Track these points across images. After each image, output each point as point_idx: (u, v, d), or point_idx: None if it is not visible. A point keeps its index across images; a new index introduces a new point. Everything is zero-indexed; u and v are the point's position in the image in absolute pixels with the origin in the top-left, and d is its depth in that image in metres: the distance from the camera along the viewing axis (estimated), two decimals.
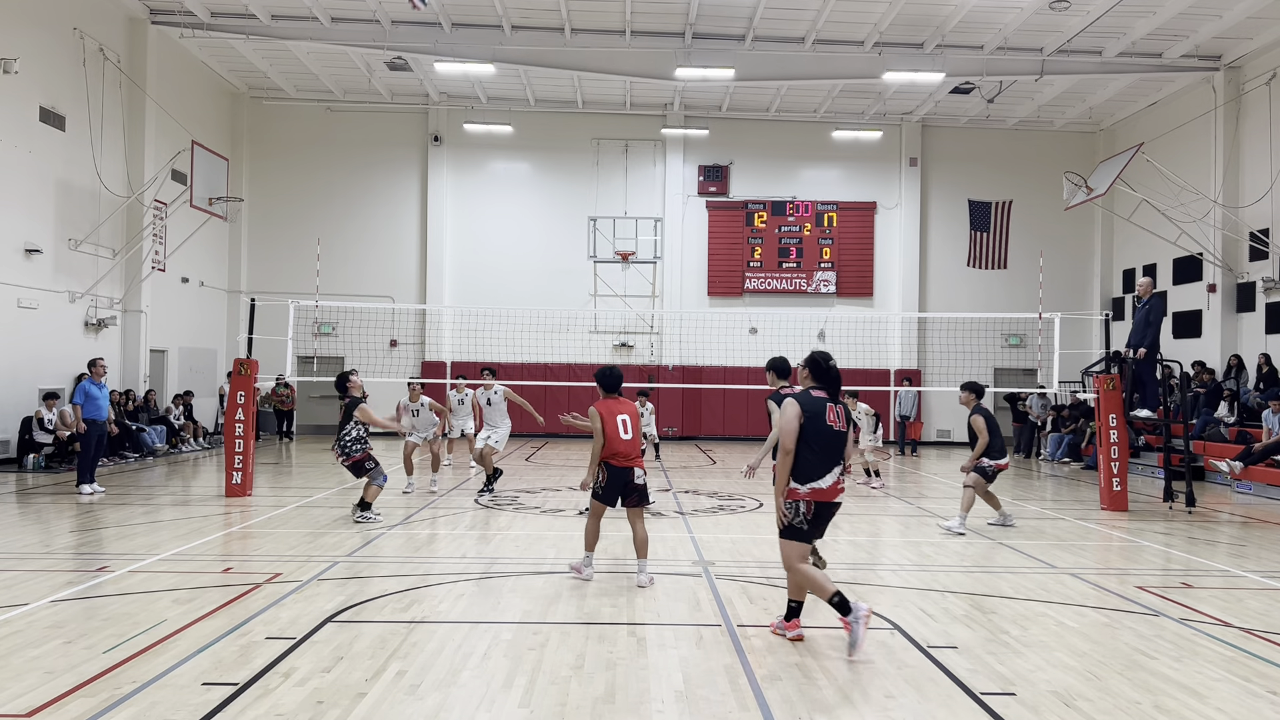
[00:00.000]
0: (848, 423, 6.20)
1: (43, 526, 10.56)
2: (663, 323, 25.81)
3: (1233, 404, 18.23)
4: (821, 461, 6.01)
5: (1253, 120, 20.45)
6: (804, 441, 5.98)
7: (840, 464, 6.10)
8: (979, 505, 11.47)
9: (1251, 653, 6.08)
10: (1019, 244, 24.65)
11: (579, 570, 7.96)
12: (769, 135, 26.33)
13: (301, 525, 10.61)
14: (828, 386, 6.19)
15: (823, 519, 6.14)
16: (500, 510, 11.96)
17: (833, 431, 6.05)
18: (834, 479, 6.05)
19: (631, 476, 7.73)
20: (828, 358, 6.26)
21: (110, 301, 19.30)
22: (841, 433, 6.10)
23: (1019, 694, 5.21)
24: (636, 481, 7.75)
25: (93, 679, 5.17)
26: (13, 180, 16.45)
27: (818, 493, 6.01)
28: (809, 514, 6.04)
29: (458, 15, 20.18)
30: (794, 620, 6.22)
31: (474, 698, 5.01)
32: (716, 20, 20.13)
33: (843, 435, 6.11)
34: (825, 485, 6.02)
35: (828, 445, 6.03)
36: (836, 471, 6.06)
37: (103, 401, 13.35)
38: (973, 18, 19.37)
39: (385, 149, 25.91)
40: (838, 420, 6.09)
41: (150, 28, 20.18)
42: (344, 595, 7.18)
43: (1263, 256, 19.82)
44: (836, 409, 6.13)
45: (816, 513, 6.07)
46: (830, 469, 6.04)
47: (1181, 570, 8.97)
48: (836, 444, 6.07)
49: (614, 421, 7.71)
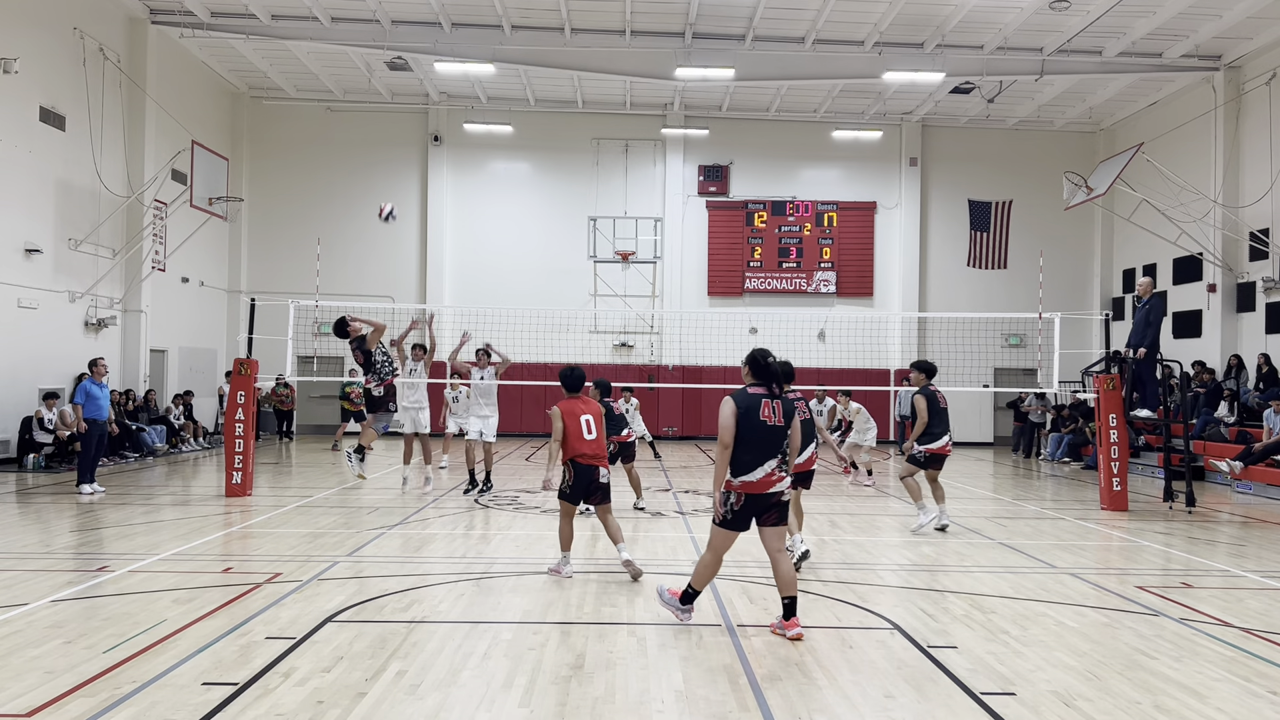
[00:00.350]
0: (787, 418, 6.30)
1: (43, 526, 10.56)
2: (663, 323, 25.81)
3: (1233, 404, 18.23)
4: (754, 456, 6.18)
5: (1253, 120, 20.45)
6: (739, 437, 6.16)
7: (776, 458, 6.23)
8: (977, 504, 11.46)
9: (1251, 653, 6.08)
10: (1019, 244, 24.65)
11: (558, 570, 8.04)
12: (769, 135, 26.33)
13: (301, 525, 10.61)
14: (765, 382, 6.32)
15: (752, 511, 6.25)
16: (500, 510, 11.96)
17: (767, 427, 6.19)
18: (765, 472, 6.19)
19: (596, 475, 7.93)
20: (766, 354, 6.38)
21: (110, 301, 19.30)
22: (777, 428, 6.22)
23: (1019, 694, 5.21)
24: (601, 480, 7.96)
25: (93, 679, 5.17)
26: (13, 180, 16.46)
27: (748, 485, 6.18)
28: (737, 505, 6.21)
29: (458, 15, 20.18)
30: (793, 619, 6.24)
31: (474, 698, 5.01)
32: (716, 20, 20.13)
33: (779, 430, 6.23)
34: (755, 479, 6.18)
35: (762, 440, 6.18)
36: (770, 465, 6.20)
37: (103, 401, 13.34)
38: (973, 18, 19.37)
39: (385, 149, 25.91)
40: (773, 415, 6.22)
41: (150, 28, 20.18)
42: (344, 595, 7.18)
43: (1263, 256, 19.82)
44: (773, 404, 6.25)
45: (746, 504, 6.21)
46: (763, 463, 6.19)
47: (1181, 570, 8.97)
48: (771, 439, 6.21)
49: (576, 421, 7.90)
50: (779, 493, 6.26)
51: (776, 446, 6.23)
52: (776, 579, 6.30)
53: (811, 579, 8.14)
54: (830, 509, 12.72)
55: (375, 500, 12.79)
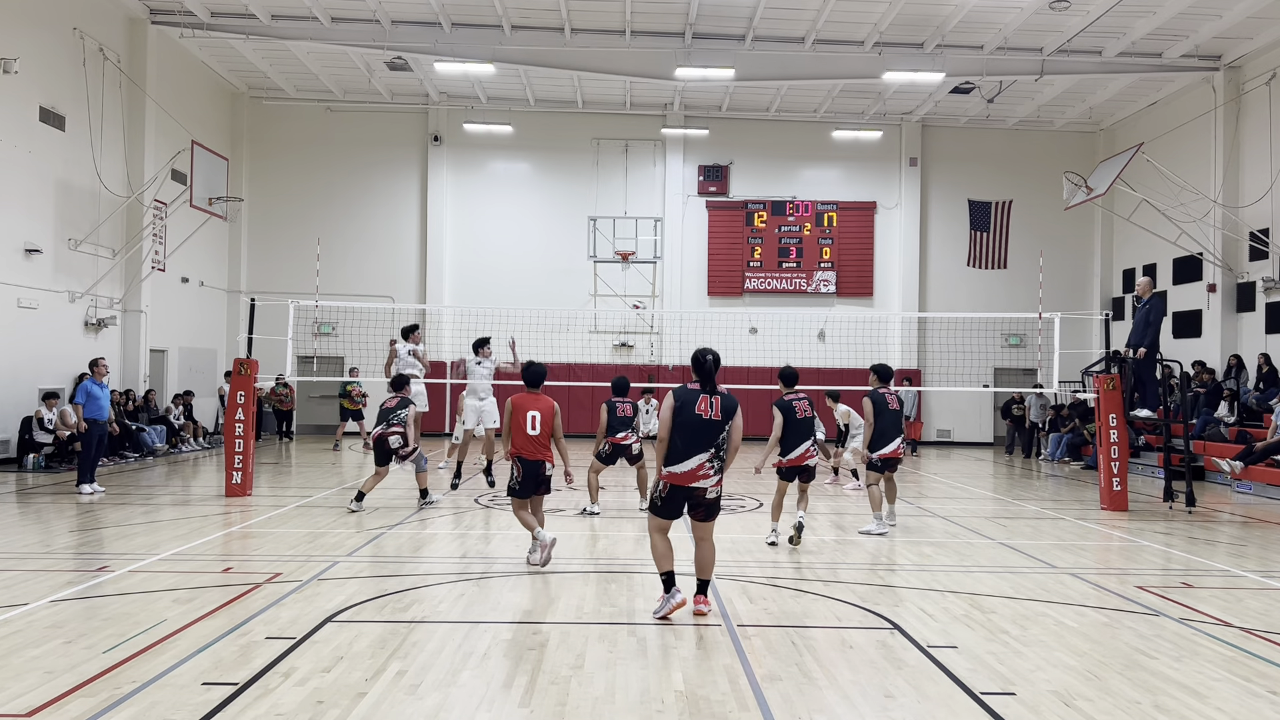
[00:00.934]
0: (725, 414, 6.59)
1: (43, 526, 10.56)
2: (663, 323, 25.81)
3: (1233, 404, 18.24)
4: (685, 448, 6.54)
5: (1253, 120, 20.45)
6: (674, 430, 6.56)
7: (708, 451, 6.55)
8: (985, 504, 11.47)
9: (1251, 653, 6.08)
10: (1019, 244, 24.65)
11: (529, 559, 8.32)
12: (769, 135, 26.33)
13: (301, 525, 10.61)
14: (702, 380, 6.69)
15: (678, 501, 6.64)
16: (500, 510, 11.96)
17: (700, 420, 6.55)
18: (694, 465, 6.53)
19: (541, 469, 8.24)
20: (706, 353, 6.74)
21: (110, 301, 19.30)
22: (711, 421, 6.55)
23: (1019, 694, 5.21)
24: (546, 474, 8.29)
25: (93, 679, 5.17)
26: (13, 180, 16.45)
27: (674, 476, 6.57)
28: (663, 493, 6.62)
29: (458, 15, 20.18)
30: (699, 597, 6.72)
31: (474, 698, 5.01)
32: (716, 20, 20.13)
33: (712, 424, 6.55)
34: (681, 471, 6.54)
35: (694, 433, 6.53)
36: (701, 458, 6.53)
37: (104, 401, 13.33)
38: (973, 18, 19.37)
39: (385, 149, 25.91)
40: (708, 410, 6.56)
41: (150, 28, 20.18)
42: (344, 595, 7.18)
43: (1263, 256, 19.82)
44: (711, 400, 6.59)
45: (670, 493, 6.61)
46: (692, 455, 6.53)
47: (1181, 570, 8.97)
48: (704, 432, 6.55)
49: (522, 416, 8.24)
50: (704, 489, 6.58)
51: (707, 440, 6.54)
52: (695, 562, 6.81)
53: (811, 579, 8.15)
54: (831, 509, 12.71)
55: (375, 500, 12.79)
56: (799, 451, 9.80)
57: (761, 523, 11.31)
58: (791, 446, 9.83)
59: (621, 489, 14.34)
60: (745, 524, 11.23)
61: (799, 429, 9.79)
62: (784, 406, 9.77)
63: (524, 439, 8.19)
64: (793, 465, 9.84)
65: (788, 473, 9.95)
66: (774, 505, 9.96)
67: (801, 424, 9.80)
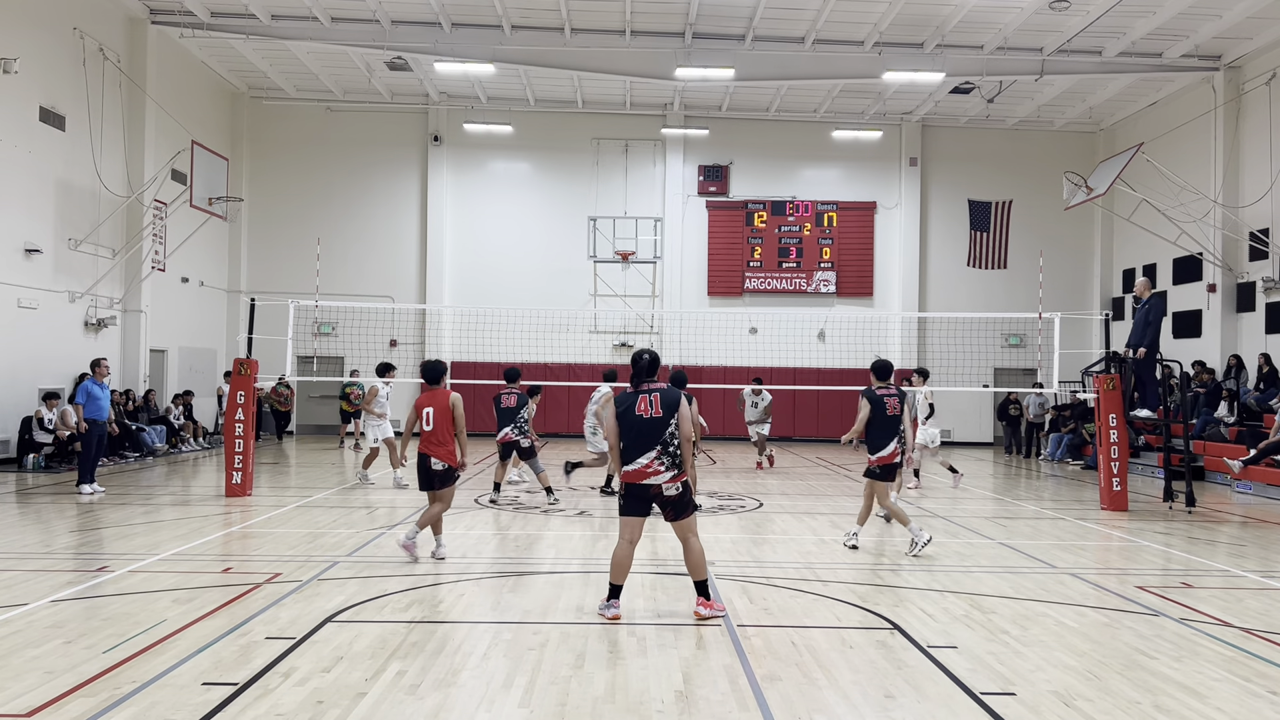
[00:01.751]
0: (666, 409, 6.66)
1: (43, 526, 10.56)
2: (663, 323, 25.81)
3: (1233, 404, 18.23)
4: (632, 448, 6.67)
5: (1253, 120, 20.45)
6: (621, 432, 6.70)
7: (655, 449, 6.62)
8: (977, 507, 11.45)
9: (1251, 653, 6.08)
10: (1019, 244, 24.65)
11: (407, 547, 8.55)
12: (769, 135, 26.32)
13: (301, 525, 10.61)
14: (635, 379, 6.80)
15: (635, 499, 6.73)
16: (500, 510, 11.96)
17: (641, 420, 6.65)
18: (644, 463, 6.63)
19: (429, 464, 8.45)
20: (642, 354, 6.83)
21: (110, 301, 19.29)
22: (652, 419, 6.64)
23: (1019, 694, 5.21)
24: (434, 468, 8.45)
25: (93, 679, 5.17)
26: (13, 180, 16.45)
27: (627, 475, 6.69)
28: (622, 492, 6.79)
29: (458, 15, 20.18)
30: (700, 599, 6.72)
31: (474, 698, 5.01)
32: (716, 20, 20.13)
33: (653, 422, 6.64)
34: (632, 469, 6.67)
35: (637, 434, 6.64)
36: (649, 455, 6.63)
37: (104, 402, 13.32)
38: (973, 18, 19.37)
39: (385, 149, 25.90)
40: (648, 409, 6.67)
41: (150, 28, 20.17)
42: (344, 595, 7.18)
43: (1263, 256, 19.82)
44: (650, 398, 6.69)
45: (628, 492, 6.73)
46: (639, 454, 6.64)
47: (1181, 570, 8.97)
48: (647, 431, 6.63)
49: (418, 412, 8.52)
50: (658, 485, 6.64)
51: (651, 439, 6.63)
52: (686, 565, 6.83)
53: (811, 579, 8.15)
54: (832, 509, 12.71)
55: (375, 500, 12.80)
56: (891, 448, 9.36)
57: (762, 523, 11.32)
58: (883, 443, 9.34)
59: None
60: (745, 524, 11.23)
61: (889, 425, 9.39)
62: (874, 399, 9.35)
63: (421, 434, 8.54)
64: (886, 463, 9.38)
65: (886, 471, 9.41)
66: (865, 511, 9.67)
67: (891, 420, 9.40)
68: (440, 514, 8.61)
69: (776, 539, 10.21)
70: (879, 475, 9.43)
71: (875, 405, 9.38)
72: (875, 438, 9.40)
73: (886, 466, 9.40)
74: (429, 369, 8.71)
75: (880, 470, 9.40)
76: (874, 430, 9.40)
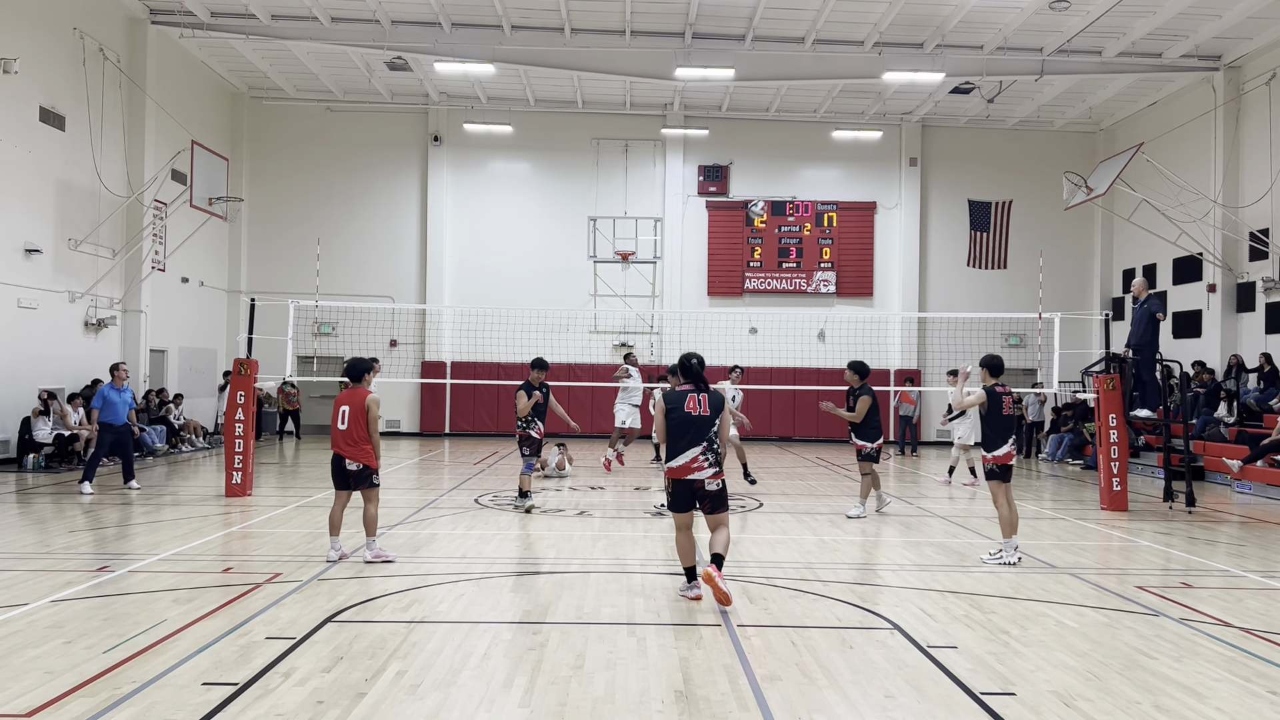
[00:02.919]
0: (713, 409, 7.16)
1: (43, 526, 10.56)
2: (663, 323, 25.81)
3: (1232, 404, 18.24)
4: (678, 444, 7.17)
5: (1253, 120, 20.45)
6: (669, 429, 7.17)
7: (701, 445, 7.09)
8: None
9: (1251, 653, 6.08)
10: (1019, 244, 24.65)
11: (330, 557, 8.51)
12: (769, 135, 26.32)
13: (301, 525, 10.61)
14: (691, 380, 7.36)
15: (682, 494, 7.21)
16: (500, 510, 11.96)
17: (690, 417, 7.17)
18: (688, 459, 7.11)
19: (343, 464, 8.47)
20: (691, 357, 7.47)
21: (110, 301, 19.29)
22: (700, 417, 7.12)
23: (1019, 694, 5.21)
24: (348, 468, 8.45)
25: (93, 679, 5.17)
26: (13, 180, 16.45)
27: (672, 470, 7.20)
28: (669, 489, 7.33)
29: (458, 15, 20.18)
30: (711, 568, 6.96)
31: (474, 698, 5.01)
32: (716, 20, 20.13)
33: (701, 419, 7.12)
34: (677, 465, 7.17)
35: (685, 430, 7.11)
36: (694, 452, 7.10)
37: (120, 407, 13.50)
38: (973, 18, 19.37)
39: (385, 149, 25.91)
40: (697, 408, 7.16)
41: (150, 28, 20.17)
42: (344, 595, 7.18)
43: (1263, 256, 19.82)
44: (698, 398, 7.21)
45: (675, 488, 7.22)
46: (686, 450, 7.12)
47: (1181, 570, 8.98)
48: (695, 427, 7.12)
49: (335, 410, 8.50)
50: (702, 480, 7.05)
51: (701, 435, 7.08)
52: (713, 541, 7.13)
53: (811, 579, 8.15)
54: (831, 509, 12.71)
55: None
56: (1008, 448, 9.03)
57: (762, 523, 11.32)
58: (1002, 441, 9.04)
59: (621, 489, 14.34)
60: (745, 524, 11.23)
61: (1006, 424, 9.09)
62: (991, 395, 9.11)
63: (334, 432, 8.51)
64: (1004, 463, 9.03)
65: (1005, 471, 9.06)
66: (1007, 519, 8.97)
67: (1007, 420, 9.09)
68: (374, 515, 8.51)
69: (776, 539, 10.21)
70: (998, 475, 9.08)
71: (993, 402, 9.13)
72: (991, 436, 9.08)
73: (1005, 466, 9.07)
74: (350, 366, 8.63)
75: (999, 470, 9.06)
76: (990, 428, 9.10)
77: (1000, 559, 8.92)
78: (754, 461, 18.82)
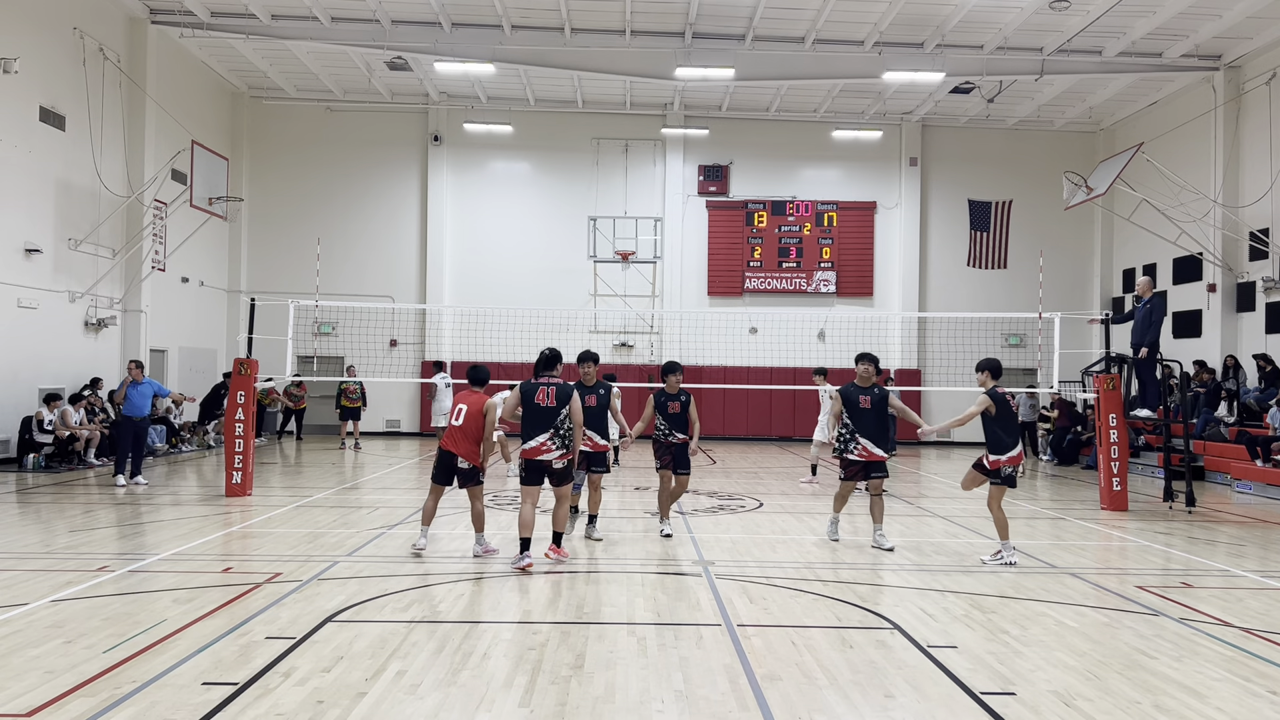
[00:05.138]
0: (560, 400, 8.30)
1: (43, 526, 10.56)
2: (663, 322, 25.81)
3: (1232, 404, 18.23)
4: (529, 429, 8.30)
5: (1253, 120, 20.45)
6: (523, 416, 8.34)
7: (548, 431, 8.25)
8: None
9: (1251, 653, 6.08)
10: (1019, 244, 24.64)
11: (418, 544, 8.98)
12: (769, 135, 26.32)
13: (301, 525, 10.61)
14: (537, 370, 8.50)
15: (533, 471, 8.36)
16: (500, 510, 11.96)
17: (539, 408, 8.29)
18: (537, 443, 8.26)
19: (454, 461, 8.79)
20: (546, 350, 8.58)
21: (110, 301, 19.29)
22: (547, 408, 8.27)
23: (1019, 694, 5.21)
24: (459, 465, 8.78)
25: (93, 679, 5.17)
26: (13, 180, 16.45)
27: (525, 451, 8.33)
28: (521, 465, 8.43)
29: (458, 15, 20.18)
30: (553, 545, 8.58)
31: (474, 698, 5.01)
32: (716, 20, 20.13)
33: (548, 410, 8.26)
34: (528, 447, 8.32)
35: (536, 418, 8.29)
36: (542, 437, 8.26)
37: (139, 401, 14.04)
38: (973, 17, 19.36)
39: (385, 149, 25.90)
40: (545, 399, 8.28)
41: (150, 27, 20.17)
42: (344, 595, 7.18)
43: (1263, 256, 19.82)
44: (548, 390, 8.30)
45: (526, 466, 8.39)
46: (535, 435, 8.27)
47: (1181, 570, 8.97)
48: (543, 416, 8.27)
49: (452, 406, 8.93)
50: (549, 460, 8.27)
51: (549, 422, 8.24)
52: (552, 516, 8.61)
53: (811, 579, 8.15)
54: (831, 509, 12.69)
55: (375, 500, 12.81)
56: (1018, 449, 8.95)
57: (762, 523, 11.32)
58: (1012, 442, 8.89)
59: (621, 489, 14.34)
60: (745, 524, 11.23)
61: (1014, 424, 9.07)
62: (998, 398, 9.06)
63: (450, 429, 8.83)
64: (1015, 464, 8.93)
65: (1010, 476, 8.94)
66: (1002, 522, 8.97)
67: (1015, 420, 9.10)
68: (481, 511, 8.86)
69: (776, 539, 10.21)
70: (1006, 478, 8.96)
71: (1001, 404, 9.02)
72: (1002, 437, 8.92)
73: (1013, 469, 8.97)
74: (474, 370, 9.15)
75: (1009, 472, 8.94)
76: (1001, 430, 8.94)
77: (1001, 559, 8.92)
78: (754, 461, 18.84)
